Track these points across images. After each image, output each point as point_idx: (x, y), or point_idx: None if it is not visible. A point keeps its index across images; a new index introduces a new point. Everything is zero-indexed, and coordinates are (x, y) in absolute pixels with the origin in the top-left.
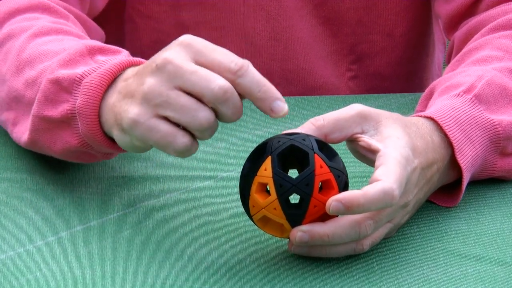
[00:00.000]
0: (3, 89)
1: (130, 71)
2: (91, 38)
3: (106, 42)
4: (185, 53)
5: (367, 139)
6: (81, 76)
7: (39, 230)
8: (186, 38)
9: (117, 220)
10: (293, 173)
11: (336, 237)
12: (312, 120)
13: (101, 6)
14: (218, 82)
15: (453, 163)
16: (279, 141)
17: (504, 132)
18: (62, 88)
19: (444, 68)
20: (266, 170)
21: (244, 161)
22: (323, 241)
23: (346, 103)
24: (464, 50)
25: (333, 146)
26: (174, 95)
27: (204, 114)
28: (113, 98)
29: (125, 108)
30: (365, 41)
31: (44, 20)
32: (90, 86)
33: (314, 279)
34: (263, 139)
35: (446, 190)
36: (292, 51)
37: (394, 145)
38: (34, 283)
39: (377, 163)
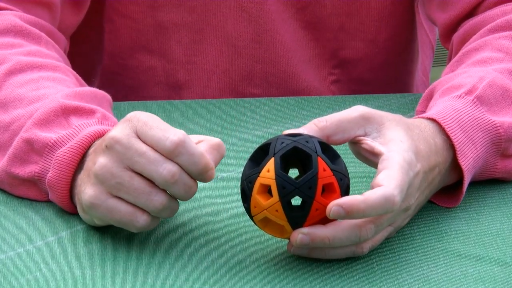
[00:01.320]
0: None
1: (97, 143)
2: (59, 46)
3: (87, 44)
4: (130, 129)
5: (370, 142)
6: (54, 142)
7: (39, 230)
8: (131, 114)
9: None
10: (293, 172)
11: (336, 240)
12: (315, 121)
13: (72, 23)
14: (166, 166)
15: (454, 165)
16: (282, 143)
17: (506, 134)
18: (34, 149)
19: (433, 69)
20: (269, 172)
21: (245, 161)
22: (323, 243)
23: (346, 104)
24: (463, 50)
25: (334, 146)
26: (127, 177)
27: (157, 198)
28: (80, 173)
29: (82, 189)
30: (348, 47)
31: (18, 52)
32: (62, 161)
33: (314, 279)
34: (263, 139)
35: (447, 191)
36: (274, 54)
37: (397, 149)
38: (34, 283)
39: (379, 166)
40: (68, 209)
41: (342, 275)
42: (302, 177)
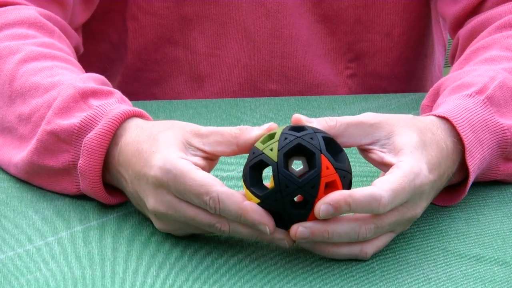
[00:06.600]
0: None
1: (125, 145)
2: (71, 42)
3: (106, 43)
4: (168, 195)
5: (379, 152)
6: (79, 128)
7: (39, 230)
8: (160, 177)
9: (117, 220)
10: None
11: (335, 235)
12: (326, 118)
13: (81, 19)
14: (218, 226)
15: (460, 165)
16: (285, 138)
17: None
18: (60, 139)
19: (445, 69)
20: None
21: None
22: (323, 237)
23: (346, 103)
24: (471, 48)
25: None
26: (194, 229)
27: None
28: (115, 159)
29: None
30: (364, 40)
31: (31, 43)
32: (91, 148)
33: (314, 279)
34: None
35: (446, 189)
36: (291, 48)
37: (407, 159)
38: (34, 283)
39: (387, 173)
40: (99, 196)
41: (342, 275)
42: (305, 176)
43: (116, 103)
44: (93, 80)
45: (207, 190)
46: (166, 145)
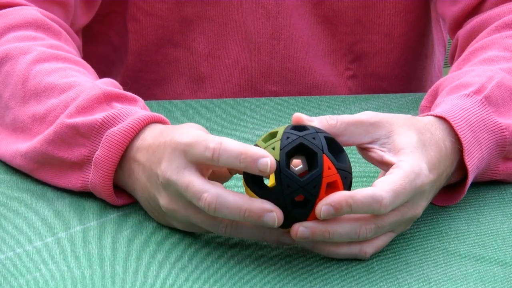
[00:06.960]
0: (8, 115)
1: (147, 136)
2: (75, 43)
3: (107, 44)
4: (178, 157)
5: (379, 151)
6: (101, 124)
7: (39, 230)
8: (173, 141)
9: (117, 220)
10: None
11: (336, 235)
12: (327, 117)
13: (82, 22)
14: (204, 197)
15: (459, 165)
16: (287, 138)
17: (511, 137)
18: (79, 133)
19: (444, 69)
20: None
21: None
22: (323, 237)
23: (346, 103)
24: (470, 49)
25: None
26: (193, 213)
27: (220, 229)
28: (133, 156)
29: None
30: (364, 40)
31: (40, 44)
32: (112, 140)
33: (314, 279)
34: None
35: (445, 189)
36: (291, 49)
37: (407, 159)
38: (34, 283)
39: (387, 174)
40: (106, 192)
41: (342, 275)
42: (307, 176)
43: (140, 110)
44: (115, 85)
45: (213, 139)
46: (191, 128)
